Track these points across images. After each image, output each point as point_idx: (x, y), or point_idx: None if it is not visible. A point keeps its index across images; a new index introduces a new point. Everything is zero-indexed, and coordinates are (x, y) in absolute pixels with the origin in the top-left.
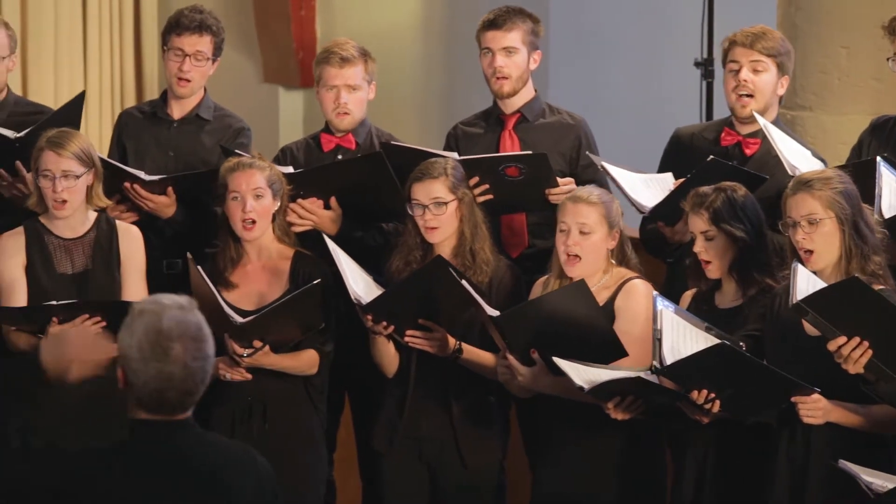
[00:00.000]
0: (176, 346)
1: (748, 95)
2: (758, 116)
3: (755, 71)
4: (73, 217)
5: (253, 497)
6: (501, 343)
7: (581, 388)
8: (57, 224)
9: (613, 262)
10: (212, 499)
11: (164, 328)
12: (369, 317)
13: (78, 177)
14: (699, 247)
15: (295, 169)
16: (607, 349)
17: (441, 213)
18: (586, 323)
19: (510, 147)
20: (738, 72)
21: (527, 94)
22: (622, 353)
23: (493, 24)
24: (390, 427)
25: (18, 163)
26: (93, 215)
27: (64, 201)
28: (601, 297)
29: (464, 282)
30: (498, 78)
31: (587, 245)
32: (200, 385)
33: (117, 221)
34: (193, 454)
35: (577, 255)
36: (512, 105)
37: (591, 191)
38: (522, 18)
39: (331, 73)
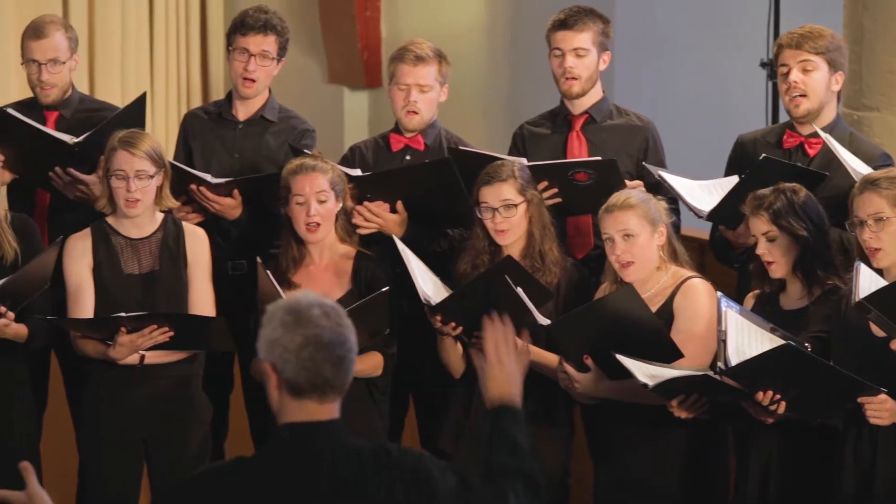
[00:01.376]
0: (316, 309)
1: (801, 95)
2: (820, 132)
3: (805, 71)
4: (142, 217)
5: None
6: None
7: (645, 385)
8: (124, 224)
9: (665, 257)
10: None
11: (301, 300)
12: (438, 317)
13: (151, 176)
14: (762, 249)
15: (363, 168)
16: (662, 351)
17: (511, 215)
18: (639, 326)
19: (577, 148)
20: (788, 74)
21: (595, 95)
22: (678, 355)
23: (564, 24)
24: (456, 427)
25: (71, 170)
26: (160, 216)
27: (136, 200)
28: (661, 298)
29: (519, 289)
30: (567, 78)
31: (635, 249)
32: (351, 356)
33: (184, 223)
34: (336, 461)
35: (629, 261)
36: (580, 106)
37: (624, 195)
38: (593, 19)
39: (404, 72)
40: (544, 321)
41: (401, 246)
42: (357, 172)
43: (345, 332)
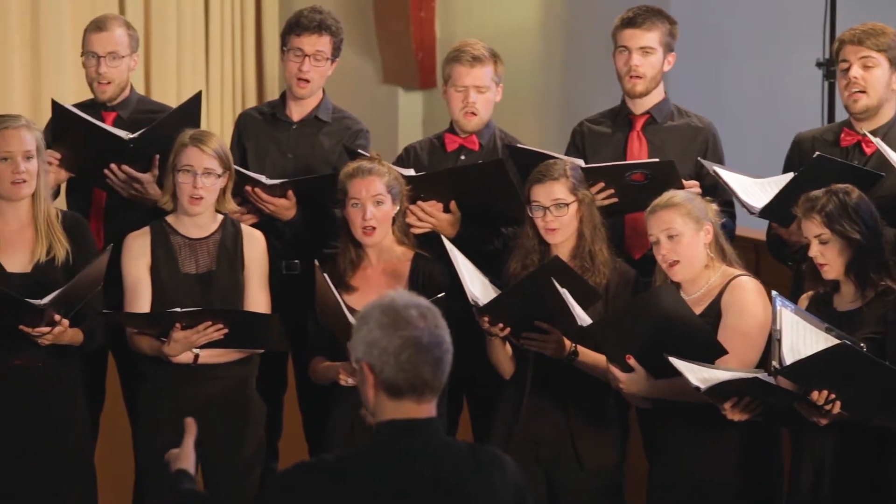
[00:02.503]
0: (413, 310)
1: (860, 91)
2: (870, 135)
3: (865, 67)
4: (201, 217)
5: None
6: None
7: (697, 388)
8: (184, 223)
9: (713, 256)
10: None
11: (397, 301)
12: (486, 318)
13: (218, 176)
14: (814, 251)
15: (418, 168)
16: (705, 348)
17: (562, 214)
18: (678, 323)
19: (637, 148)
20: (848, 70)
21: (657, 95)
22: (721, 352)
23: (631, 22)
24: (506, 428)
25: (126, 167)
26: (219, 217)
27: (200, 198)
28: (709, 297)
29: (564, 290)
30: (632, 77)
31: (681, 248)
32: (448, 357)
33: (243, 225)
34: (436, 458)
35: (674, 261)
36: (642, 105)
37: (668, 195)
38: (661, 19)
39: (460, 73)
40: (586, 322)
41: (449, 246)
42: (410, 172)
43: (442, 333)
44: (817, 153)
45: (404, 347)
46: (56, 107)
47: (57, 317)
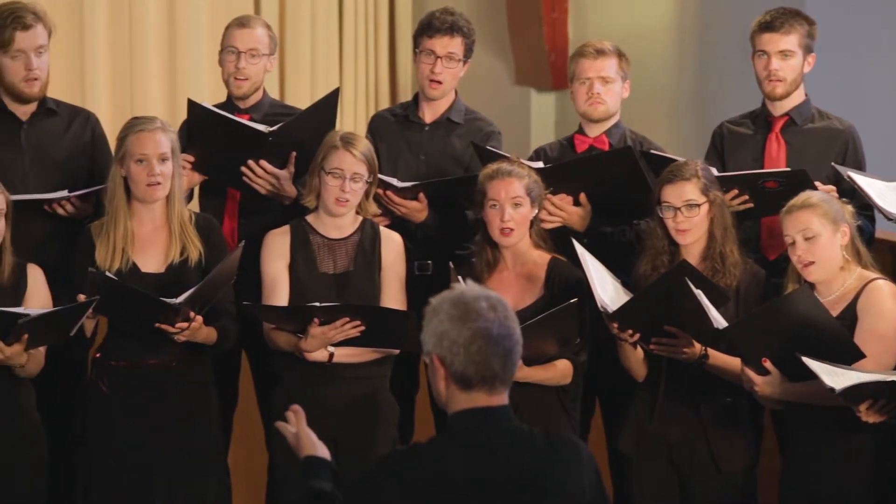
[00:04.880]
0: (482, 302)
1: None
2: None
3: None
4: (343, 218)
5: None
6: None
7: (831, 390)
8: (324, 223)
9: (849, 258)
10: (527, 497)
11: (466, 293)
12: (615, 325)
13: (366, 181)
14: None
15: None
16: (842, 351)
17: (693, 215)
18: (816, 326)
19: (776, 150)
20: None
21: (797, 97)
22: (858, 355)
23: (769, 26)
24: (639, 431)
25: (263, 163)
26: (358, 218)
27: (347, 201)
28: (845, 301)
29: (699, 291)
30: (772, 80)
31: (816, 249)
32: (518, 349)
33: (381, 227)
34: (511, 444)
35: (810, 261)
36: (781, 107)
37: (805, 196)
38: (800, 21)
39: (584, 66)
40: (721, 324)
41: (580, 250)
42: (539, 164)
43: (511, 325)
44: None
45: (474, 339)
46: (192, 105)
47: (192, 314)
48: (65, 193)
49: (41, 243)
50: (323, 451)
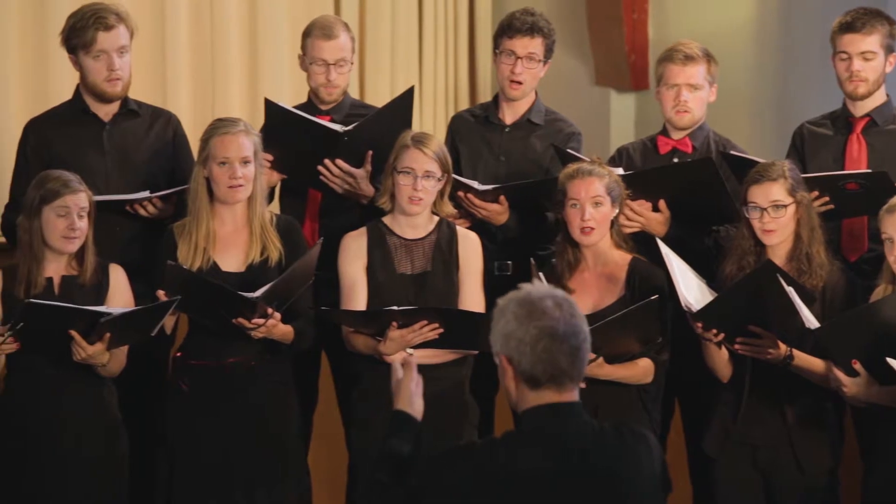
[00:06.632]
0: (548, 301)
1: None
2: None
3: None
4: (418, 218)
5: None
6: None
7: None
8: (401, 224)
9: None
10: (606, 489)
11: (532, 293)
12: (699, 324)
13: (438, 179)
14: None
15: (629, 169)
16: None
17: (779, 215)
18: None
19: (857, 151)
20: None
21: (878, 97)
22: None
23: (850, 27)
24: (723, 431)
25: (340, 162)
26: (435, 218)
27: (420, 199)
28: None
29: (790, 289)
30: (854, 80)
31: None
32: (585, 346)
33: (457, 226)
34: (582, 438)
35: None
36: (862, 108)
37: None
38: (881, 21)
39: (673, 71)
40: (813, 324)
41: (664, 250)
42: (619, 171)
43: (578, 323)
44: None
45: (540, 337)
46: (269, 105)
47: (269, 310)
48: (146, 194)
49: (123, 244)
50: (418, 409)
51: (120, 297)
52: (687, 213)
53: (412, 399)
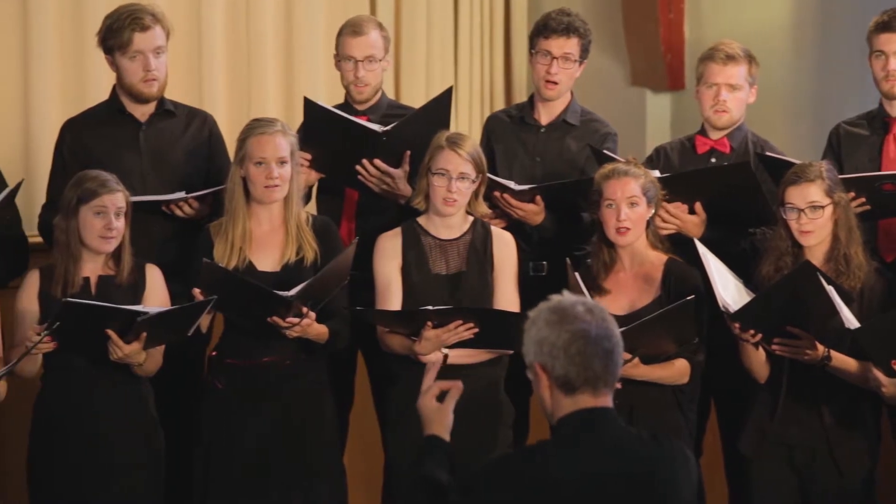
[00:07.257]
0: (579, 307)
1: None
2: None
3: None
4: (453, 218)
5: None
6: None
7: None
8: (435, 225)
9: None
10: (641, 494)
11: (564, 300)
12: (737, 325)
13: (472, 180)
14: None
15: (667, 169)
16: None
17: (817, 216)
18: None
19: (893, 151)
20: None
21: None
22: None
23: (887, 26)
24: (759, 432)
25: (378, 162)
26: (469, 218)
27: (454, 200)
28: None
29: (830, 288)
30: (890, 79)
31: None
32: (618, 350)
33: (492, 226)
34: (618, 444)
35: None
36: None
37: None
38: None
39: (713, 71)
40: (854, 324)
41: (702, 250)
42: (656, 173)
43: (610, 327)
44: None
45: (573, 341)
46: (308, 104)
47: (304, 309)
48: (182, 195)
49: (159, 244)
50: (446, 434)
51: (156, 296)
52: (723, 216)
53: (446, 426)
